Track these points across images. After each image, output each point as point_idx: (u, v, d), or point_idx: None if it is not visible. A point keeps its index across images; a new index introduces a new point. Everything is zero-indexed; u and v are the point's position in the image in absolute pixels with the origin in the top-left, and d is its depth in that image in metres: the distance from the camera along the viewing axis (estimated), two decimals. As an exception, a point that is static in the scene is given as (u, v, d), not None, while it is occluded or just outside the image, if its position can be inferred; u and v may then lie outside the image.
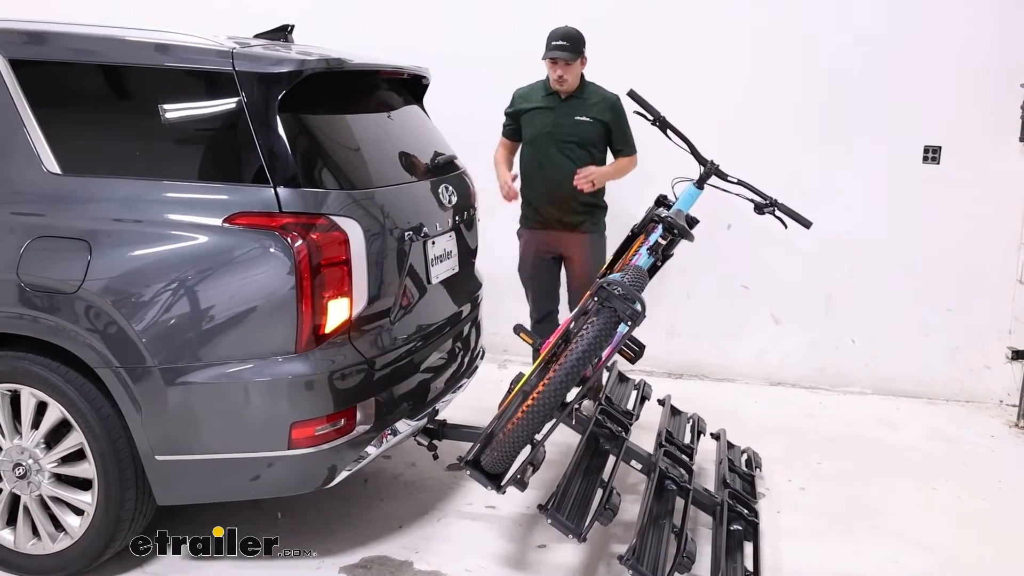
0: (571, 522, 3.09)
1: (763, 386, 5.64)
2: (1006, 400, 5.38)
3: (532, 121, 4.57)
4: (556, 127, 4.50)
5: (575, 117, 4.43)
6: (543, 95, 4.56)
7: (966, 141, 5.25)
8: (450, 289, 3.79)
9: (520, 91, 4.68)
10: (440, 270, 3.66)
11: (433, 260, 3.58)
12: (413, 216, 3.44)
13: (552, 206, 4.54)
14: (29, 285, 2.95)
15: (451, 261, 3.78)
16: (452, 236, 3.79)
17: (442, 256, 3.68)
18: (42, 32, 3.18)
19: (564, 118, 4.48)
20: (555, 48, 4.36)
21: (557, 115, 4.51)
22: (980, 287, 5.35)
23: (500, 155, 4.74)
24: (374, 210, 3.19)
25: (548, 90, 4.54)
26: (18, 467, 3.08)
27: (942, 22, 5.18)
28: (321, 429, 3.01)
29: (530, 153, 4.60)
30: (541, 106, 4.55)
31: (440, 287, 3.69)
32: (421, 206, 3.56)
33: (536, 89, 4.62)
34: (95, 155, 3.11)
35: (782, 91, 5.42)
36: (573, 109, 4.47)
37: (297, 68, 3.04)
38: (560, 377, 3.12)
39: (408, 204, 3.47)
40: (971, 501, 4.07)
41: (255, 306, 2.93)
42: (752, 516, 3.55)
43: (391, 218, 3.28)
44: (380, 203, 3.24)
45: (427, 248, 3.52)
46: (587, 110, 4.45)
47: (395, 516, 3.71)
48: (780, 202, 3.69)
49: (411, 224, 3.40)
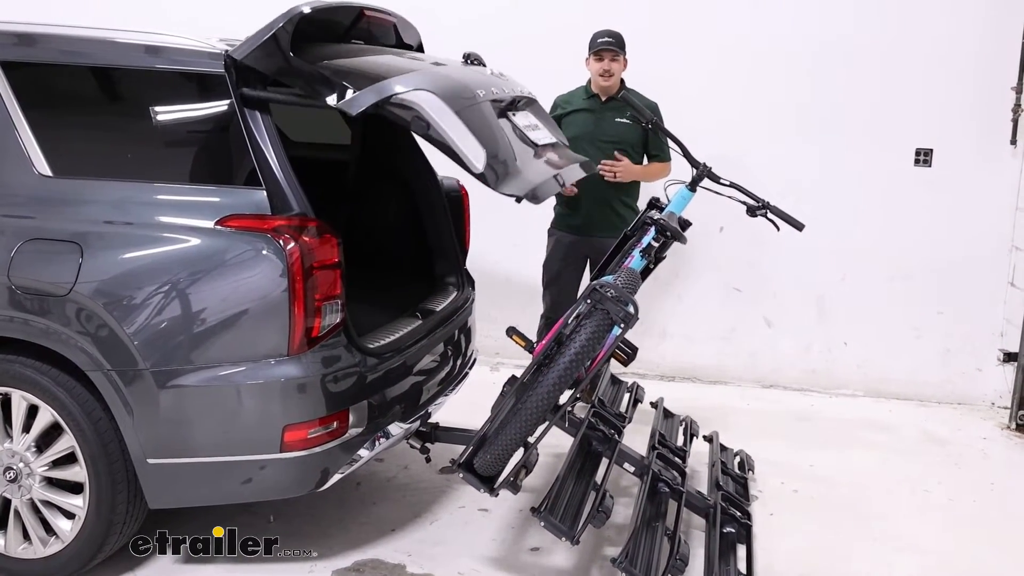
0: (564, 525, 3.09)
1: (756, 388, 5.65)
2: (998, 402, 5.39)
3: (573, 123, 4.66)
4: (597, 128, 4.61)
5: (615, 119, 4.51)
6: (584, 98, 4.70)
7: (958, 144, 5.27)
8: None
9: (562, 96, 4.80)
10: None
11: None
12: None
13: (588, 207, 4.59)
14: (20, 288, 2.93)
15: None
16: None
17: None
18: (33, 34, 3.18)
19: (604, 119, 4.60)
20: (602, 43, 4.52)
21: (598, 117, 4.63)
22: (972, 289, 5.36)
23: None
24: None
25: (589, 93, 4.68)
26: (9, 471, 3.06)
27: (933, 25, 5.20)
28: (314, 432, 3.00)
29: None
30: (583, 108, 4.67)
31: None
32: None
33: (577, 93, 4.75)
34: (86, 157, 3.11)
35: (773, 93, 5.42)
36: (613, 111, 4.58)
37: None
38: (553, 380, 3.12)
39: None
40: (963, 503, 4.08)
41: (247, 309, 2.93)
42: (745, 518, 3.55)
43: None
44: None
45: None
46: (626, 112, 4.48)
47: (388, 519, 3.70)
48: (772, 204, 3.70)
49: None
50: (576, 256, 4.74)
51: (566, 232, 4.75)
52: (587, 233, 4.65)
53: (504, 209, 4.65)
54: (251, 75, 3.01)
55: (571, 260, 4.75)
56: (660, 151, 4.67)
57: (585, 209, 4.61)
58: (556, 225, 4.81)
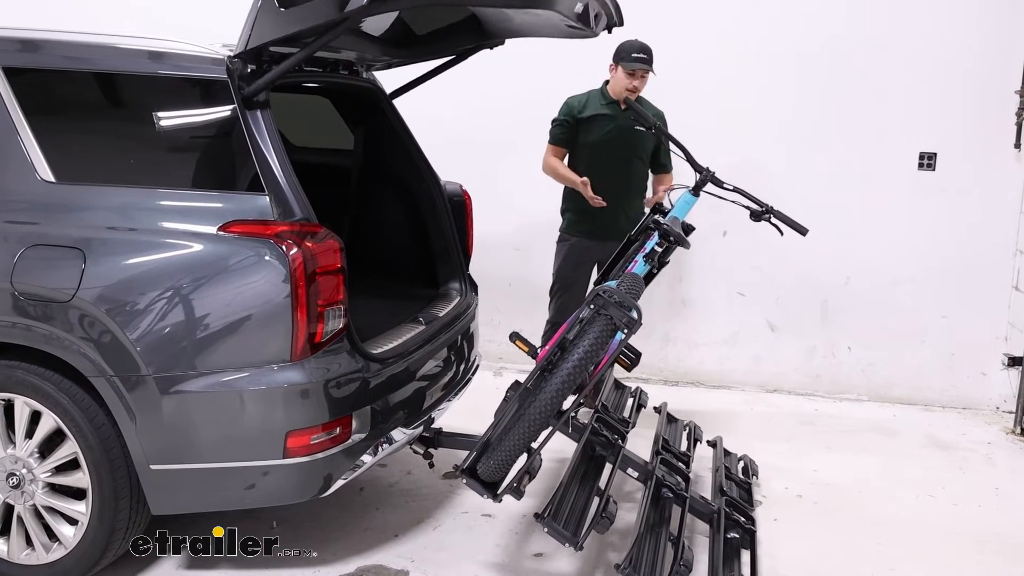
0: (568, 530, 3.08)
1: (759, 393, 5.64)
2: (1002, 407, 5.38)
3: (592, 128, 4.64)
4: (621, 137, 4.59)
5: (635, 127, 4.48)
6: (603, 103, 4.65)
7: (962, 148, 5.27)
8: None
9: (576, 99, 4.72)
10: None
11: None
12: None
13: (604, 212, 4.58)
14: (23, 294, 2.93)
15: None
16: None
17: None
18: (36, 40, 3.18)
19: (627, 129, 4.55)
20: (637, 60, 4.45)
21: (620, 123, 4.59)
22: (976, 294, 5.35)
23: (556, 162, 4.72)
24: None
25: (607, 98, 4.64)
26: (12, 477, 3.06)
27: (937, 30, 5.19)
28: (316, 438, 2.99)
29: (587, 158, 4.65)
30: (603, 113, 4.63)
31: None
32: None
33: (594, 97, 4.70)
34: (89, 163, 3.11)
35: (778, 97, 5.42)
36: (633, 120, 4.50)
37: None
38: (556, 385, 3.11)
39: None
40: (968, 508, 4.07)
41: (250, 314, 2.92)
42: (749, 524, 3.54)
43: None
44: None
45: None
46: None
47: (391, 525, 3.70)
48: (776, 209, 3.69)
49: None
50: (589, 261, 4.73)
51: (582, 237, 4.72)
52: (602, 238, 4.63)
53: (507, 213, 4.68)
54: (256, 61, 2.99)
55: (584, 266, 4.74)
56: (667, 160, 4.68)
57: (601, 214, 4.60)
58: (570, 231, 4.78)
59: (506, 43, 4.07)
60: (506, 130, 5.62)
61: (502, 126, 5.64)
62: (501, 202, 5.44)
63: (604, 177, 4.56)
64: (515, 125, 5.54)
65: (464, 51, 4.05)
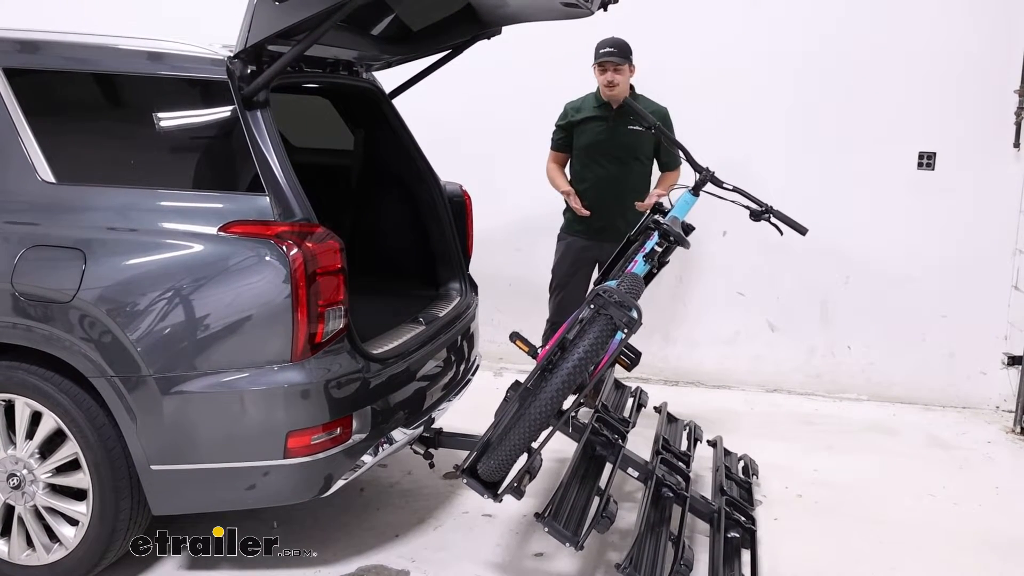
0: (568, 530, 3.08)
1: (759, 393, 5.64)
2: (1003, 406, 5.38)
3: (586, 131, 4.66)
4: (611, 138, 4.60)
5: (628, 127, 4.48)
6: (595, 105, 4.67)
7: (961, 147, 5.27)
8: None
9: (572, 103, 4.78)
10: None
11: None
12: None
13: (603, 212, 4.59)
14: (23, 294, 2.93)
15: None
16: None
17: None
18: (36, 41, 3.18)
19: (617, 127, 4.57)
20: (604, 54, 4.47)
21: (610, 124, 4.60)
22: (976, 293, 5.36)
23: (553, 169, 4.79)
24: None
25: (599, 101, 4.65)
26: (12, 477, 3.06)
27: (936, 29, 5.20)
28: (317, 438, 3.00)
29: (582, 161, 4.70)
30: (594, 116, 4.64)
31: None
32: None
33: (588, 100, 4.73)
34: (89, 164, 3.11)
35: (777, 97, 5.43)
36: (626, 120, 4.52)
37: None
38: (556, 385, 3.12)
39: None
40: (968, 507, 4.07)
41: (250, 315, 2.92)
42: (749, 523, 3.54)
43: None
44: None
45: None
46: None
47: (392, 525, 3.70)
48: (776, 209, 3.69)
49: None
50: (587, 260, 4.73)
51: (579, 236, 4.74)
52: (600, 238, 4.64)
53: (507, 213, 4.68)
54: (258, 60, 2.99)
55: (581, 265, 4.74)
56: (671, 158, 4.68)
57: (599, 213, 4.61)
58: (568, 230, 4.80)
59: (506, 40, 4.07)
60: (506, 130, 5.63)
61: (502, 127, 5.65)
62: (501, 202, 5.45)
63: (599, 179, 4.56)
64: (515, 125, 5.55)
65: (462, 43, 4.06)
